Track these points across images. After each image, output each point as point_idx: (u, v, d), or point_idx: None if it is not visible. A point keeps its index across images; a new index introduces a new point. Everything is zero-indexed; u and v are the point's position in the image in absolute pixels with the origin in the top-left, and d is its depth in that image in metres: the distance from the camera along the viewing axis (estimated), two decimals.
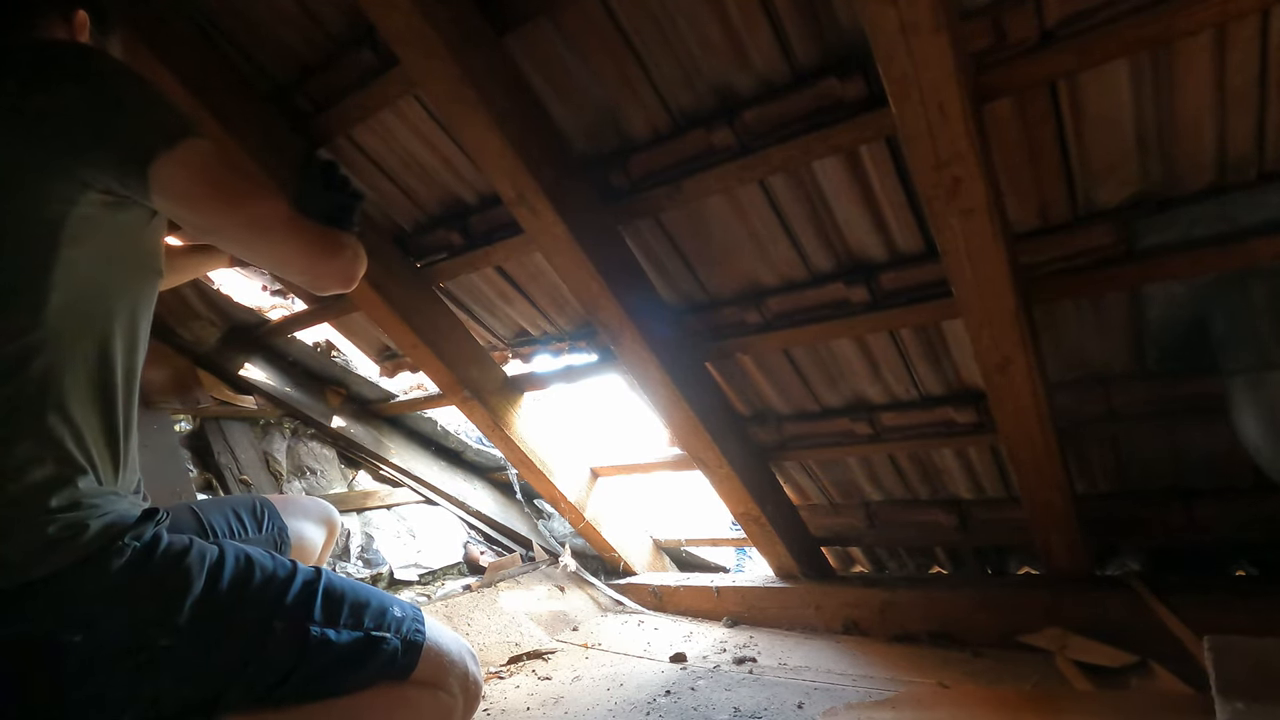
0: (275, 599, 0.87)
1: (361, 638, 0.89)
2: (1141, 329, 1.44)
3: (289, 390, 2.59)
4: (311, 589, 0.89)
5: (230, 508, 1.17)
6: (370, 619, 0.91)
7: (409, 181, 1.83)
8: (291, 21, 1.53)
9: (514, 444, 2.24)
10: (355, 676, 0.89)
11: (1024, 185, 1.29)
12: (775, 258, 1.60)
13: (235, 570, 0.86)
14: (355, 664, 0.89)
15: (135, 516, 0.84)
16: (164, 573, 0.82)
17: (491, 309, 2.14)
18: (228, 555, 0.87)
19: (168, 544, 0.84)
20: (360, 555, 2.35)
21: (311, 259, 0.97)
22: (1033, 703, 1.39)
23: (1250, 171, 1.17)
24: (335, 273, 1.00)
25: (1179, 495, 1.64)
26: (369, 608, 0.92)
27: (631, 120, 1.49)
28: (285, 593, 0.87)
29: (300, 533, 1.24)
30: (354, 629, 0.89)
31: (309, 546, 1.25)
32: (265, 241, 0.94)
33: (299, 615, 0.87)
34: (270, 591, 0.87)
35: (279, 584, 0.88)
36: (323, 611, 0.88)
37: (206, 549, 0.86)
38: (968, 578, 2.03)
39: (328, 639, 0.87)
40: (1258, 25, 1.03)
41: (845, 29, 1.21)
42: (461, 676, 0.97)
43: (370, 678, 0.90)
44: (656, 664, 1.87)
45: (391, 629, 0.92)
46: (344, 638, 0.88)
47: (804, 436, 1.95)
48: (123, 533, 0.81)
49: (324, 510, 1.32)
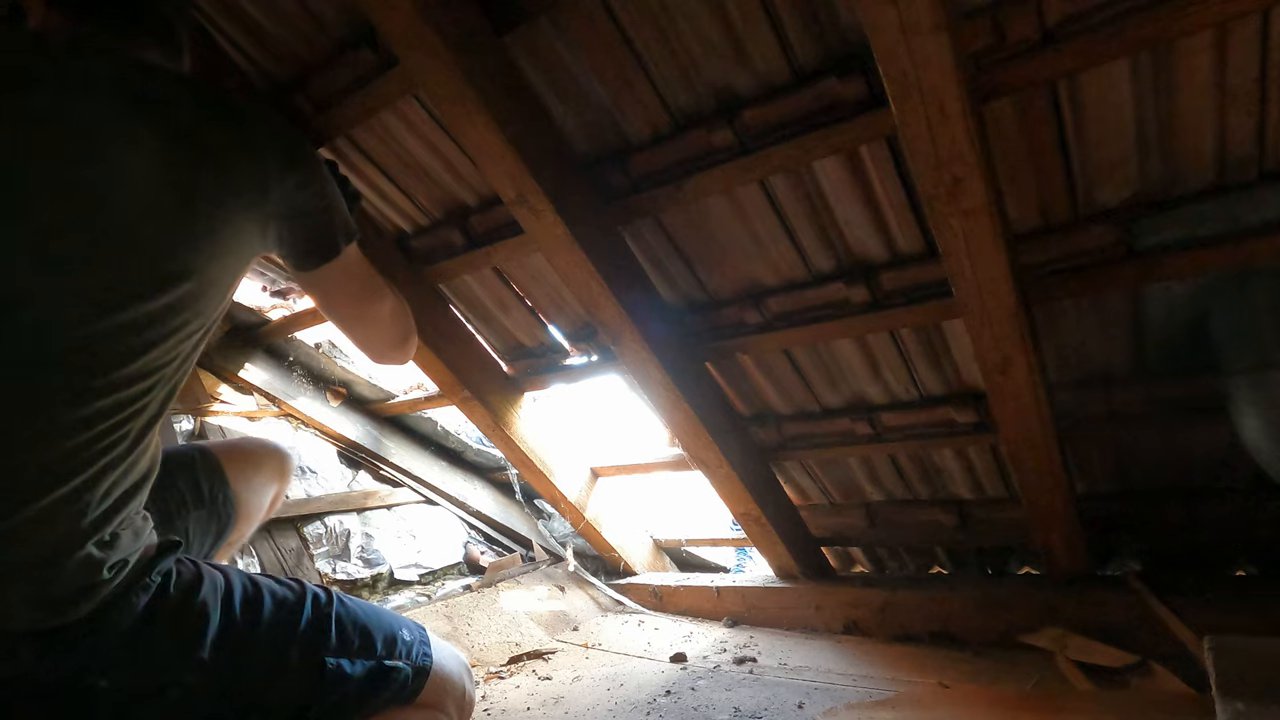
0: (288, 627, 0.84)
1: (374, 667, 0.88)
2: (1142, 329, 1.43)
3: (289, 390, 2.59)
4: (323, 615, 0.87)
5: (171, 478, 1.05)
6: (382, 645, 0.90)
7: (409, 182, 1.83)
8: (291, 22, 1.53)
9: (514, 444, 2.24)
10: (368, 707, 0.89)
11: (1024, 185, 1.29)
12: (775, 258, 1.60)
13: (244, 598, 0.83)
14: (370, 695, 0.88)
15: (157, 546, 0.80)
16: (182, 607, 0.78)
17: (488, 318, 2.14)
18: (234, 583, 0.84)
19: (178, 575, 0.80)
20: (360, 555, 2.35)
21: (394, 351, 1.10)
22: (1033, 703, 1.39)
23: (1251, 171, 1.17)
24: (404, 360, 1.14)
25: (1179, 495, 1.64)
26: (380, 632, 0.91)
27: (631, 120, 1.49)
28: (298, 620, 0.85)
29: (246, 497, 1.15)
30: (367, 658, 0.88)
31: (254, 508, 1.18)
32: (365, 330, 1.05)
33: (313, 645, 0.85)
34: (282, 619, 0.85)
35: (289, 610, 0.86)
36: (337, 639, 0.87)
37: (215, 577, 0.83)
38: (968, 578, 2.02)
39: (343, 671, 0.86)
40: (1258, 25, 1.03)
41: (845, 29, 1.21)
42: (459, 697, 0.98)
43: (381, 706, 0.90)
44: (657, 664, 1.87)
45: (402, 655, 0.92)
46: (358, 669, 0.87)
47: (804, 436, 1.95)
48: (150, 566, 0.77)
49: (278, 458, 1.24)
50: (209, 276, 0.78)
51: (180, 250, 0.75)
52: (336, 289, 0.98)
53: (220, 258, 0.79)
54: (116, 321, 0.71)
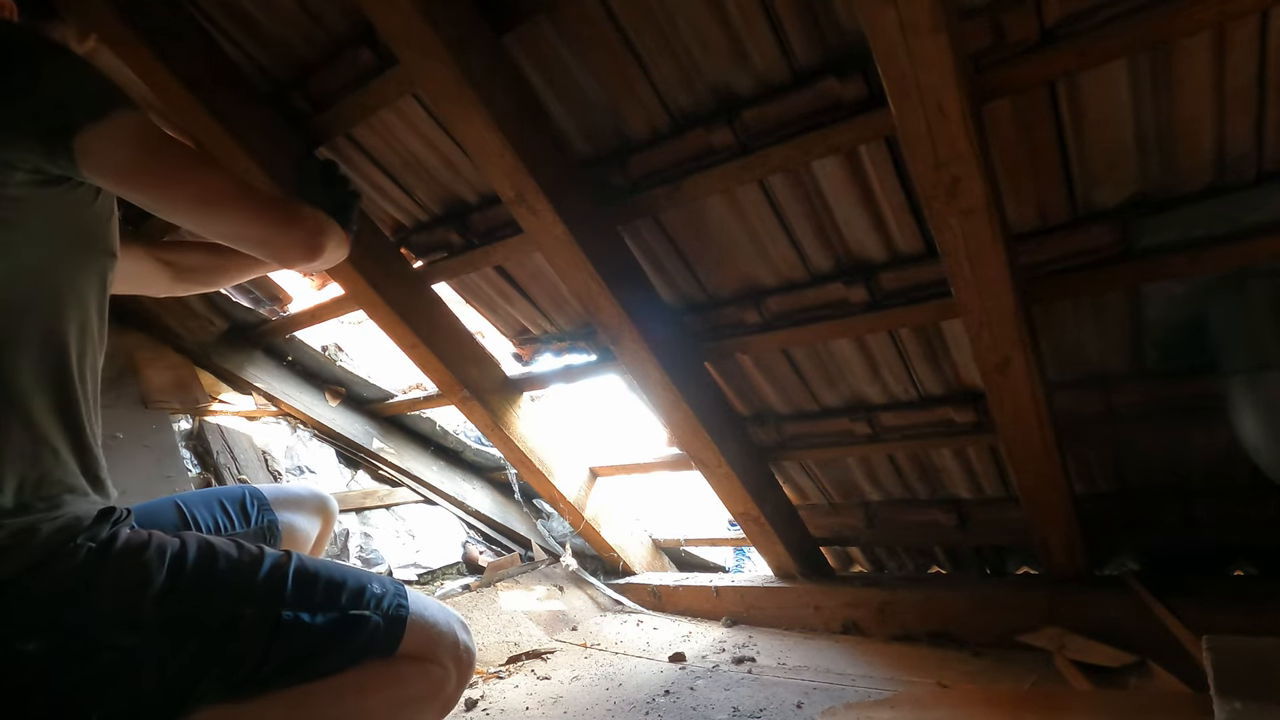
0: (242, 585, 0.85)
1: (338, 617, 0.88)
2: (1141, 329, 1.44)
3: (288, 389, 2.59)
4: (280, 572, 0.87)
5: (218, 500, 1.13)
6: (347, 598, 0.89)
7: (409, 181, 1.83)
8: (291, 21, 1.53)
9: (513, 444, 2.24)
10: (337, 657, 0.88)
11: (1023, 185, 1.29)
12: (774, 257, 1.60)
13: (198, 560, 0.84)
14: (335, 645, 0.87)
15: (92, 516, 0.81)
16: (121, 570, 0.80)
17: (493, 307, 2.14)
18: (189, 545, 0.85)
19: (125, 540, 0.82)
20: (359, 555, 2.35)
21: (266, 228, 0.93)
22: (1032, 702, 1.39)
23: (1249, 171, 1.17)
24: (296, 243, 0.96)
25: (1178, 495, 1.64)
26: (345, 587, 0.90)
27: (631, 120, 1.49)
28: (253, 578, 0.85)
29: (292, 524, 1.19)
30: (329, 610, 0.88)
31: (301, 537, 1.21)
32: (215, 215, 0.90)
33: (269, 600, 0.85)
34: (235, 578, 0.85)
35: (244, 569, 0.86)
36: (294, 594, 0.86)
37: (167, 541, 0.84)
38: (967, 578, 2.03)
39: (301, 622, 0.85)
40: (1257, 25, 1.03)
41: (845, 29, 1.21)
42: (452, 647, 0.95)
43: (353, 656, 0.88)
44: (655, 664, 1.87)
45: (371, 606, 0.90)
46: (319, 620, 0.86)
47: (803, 436, 1.95)
48: (75, 534, 0.79)
49: (319, 500, 1.27)
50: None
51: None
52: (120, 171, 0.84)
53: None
54: None
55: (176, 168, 0.87)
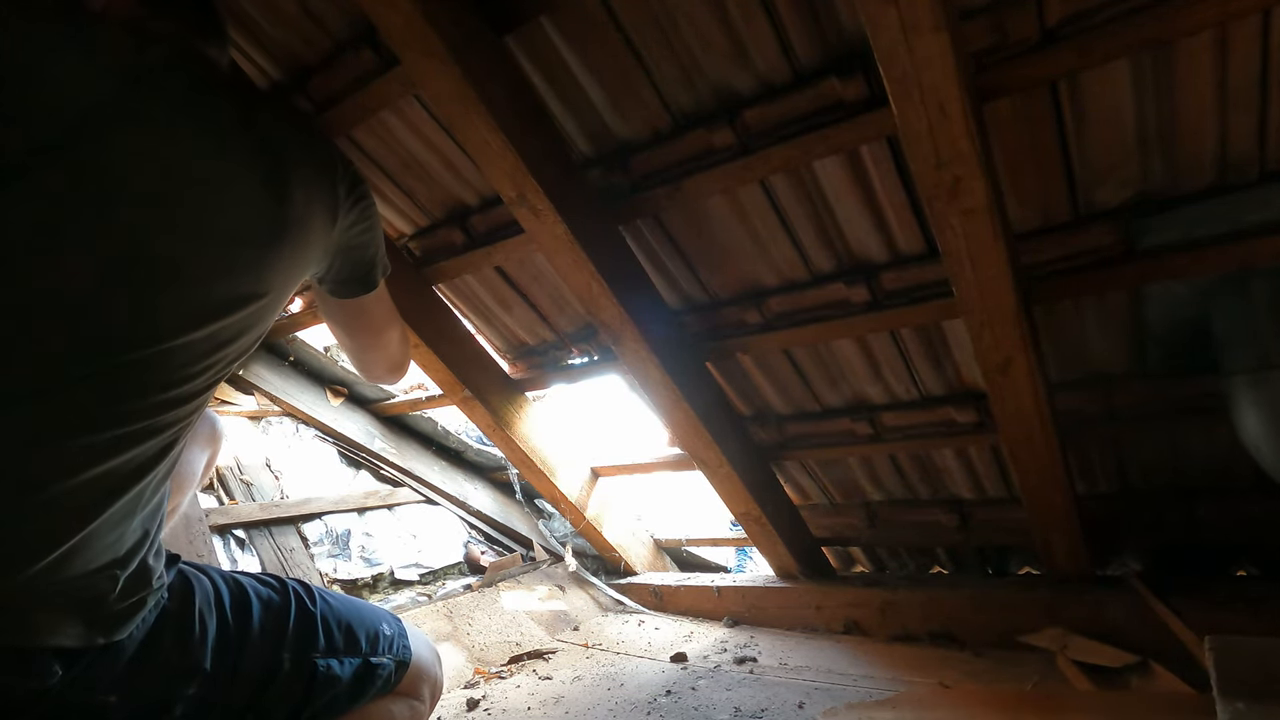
0: (278, 631, 0.85)
1: (361, 665, 0.91)
2: (1142, 329, 1.43)
3: (290, 389, 2.59)
4: (308, 615, 0.89)
5: None
6: (367, 643, 0.93)
7: (409, 182, 1.83)
8: (291, 22, 1.53)
9: (515, 444, 2.24)
10: (355, 703, 0.91)
11: (1025, 185, 1.29)
12: (776, 258, 1.60)
13: (233, 602, 0.84)
14: (359, 693, 0.91)
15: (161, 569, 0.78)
16: (182, 617, 0.78)
17: (489, 317, 2.14)
18: (220, 586, 0.84)
19: (177, 590, 0.79)
20: (361, 555, 2.35)
21: (392, 374, 1.15)
22: (1033, 703, 1.39)
23: (1251, 171, 1.17)
24: (397, 380, 1.20)
25: (1179, 495, 1.64)
26: (363, 629, 0.93)
27: (632, 120, 1.49)
28: (286, 623, 0.86)
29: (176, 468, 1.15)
30: (354, 656, 0.90)
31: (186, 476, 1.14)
32: (373, 354, 1.10)
33: (303, 647, 0.86)
34: (271, 622, 0.85)
35: (277, 613, 0.86)
36: (325, 641, 0.88)
37: (202, 581, 0.83)
38: (968, 578, 2.02)
39: (333, 672, 0.87)
40: (1259, 25, 1.03)
41: (846, 29, 1.21)
42: (432, 683, 1.03)
43: (367, 701, 0.93)
44: (657, 664, 1.87)
45: (385, 651, 0.94)
46: (347, 670, 0.89)
47: (804, 436, 1.95)
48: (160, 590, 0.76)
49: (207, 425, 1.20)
50: (278, 296, 0.80)
51: (266, 272, 0.77)
52: (361, 317, 1.04)
53: (291, 278, 0.82)
54: (190, 339, 0.71)
55: (385, 325, 1.08)
